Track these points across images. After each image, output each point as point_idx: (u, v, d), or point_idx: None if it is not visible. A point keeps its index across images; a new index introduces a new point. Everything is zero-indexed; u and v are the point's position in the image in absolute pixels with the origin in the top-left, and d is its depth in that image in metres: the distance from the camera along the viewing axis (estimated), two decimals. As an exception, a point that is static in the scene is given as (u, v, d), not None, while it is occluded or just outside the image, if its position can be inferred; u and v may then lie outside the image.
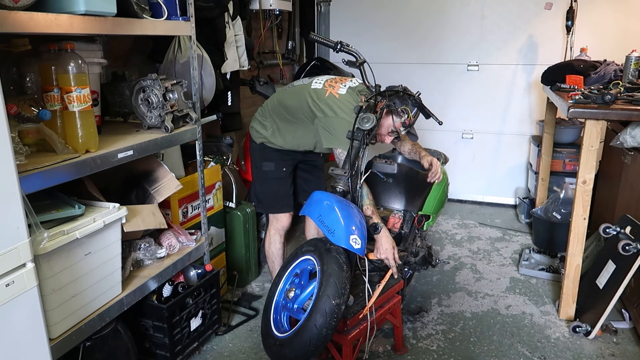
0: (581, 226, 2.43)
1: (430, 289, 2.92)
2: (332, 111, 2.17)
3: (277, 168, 2.42)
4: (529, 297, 2.83)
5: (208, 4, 2.59)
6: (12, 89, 1.69)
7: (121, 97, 2.20)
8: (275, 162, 2.42)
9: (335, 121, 2.15)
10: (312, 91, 2.26)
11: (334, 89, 2.26)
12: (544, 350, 2.35)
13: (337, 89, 2.25)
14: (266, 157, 2.42)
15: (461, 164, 4.35)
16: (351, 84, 2.31)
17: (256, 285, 2.97)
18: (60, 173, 1.53)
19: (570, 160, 3.64)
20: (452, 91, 4.28)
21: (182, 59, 2.46)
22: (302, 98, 2.26)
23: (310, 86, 2.30)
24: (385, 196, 2.58)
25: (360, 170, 2.11)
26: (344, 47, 2.20)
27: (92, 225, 1.64)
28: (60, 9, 1.51)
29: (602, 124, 2.37)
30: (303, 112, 2.26)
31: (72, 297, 1.63)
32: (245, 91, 3.34)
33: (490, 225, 3.93)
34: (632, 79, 2.76)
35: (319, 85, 2.29)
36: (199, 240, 2.31)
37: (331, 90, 2.25)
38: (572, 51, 3.78)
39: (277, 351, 1.94)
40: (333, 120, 2.16)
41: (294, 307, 2.03)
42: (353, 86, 2.29)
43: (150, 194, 2.10)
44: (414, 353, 2.33)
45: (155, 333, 2.07)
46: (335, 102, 2.19)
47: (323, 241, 2.03)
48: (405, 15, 4.26)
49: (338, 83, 2.30)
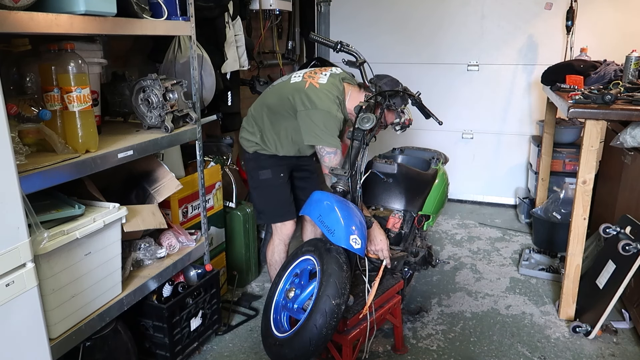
0: (581, 226, 2.43)
1: (430, 289, 2.92)
2: (312, 103, 2.11)
3: (274, 175, 2.35)
4: (529, 297, 2.83)
5: (208, 4, 2.59)
6: (12, 89, 1.69)
7: (121, 97, 2.20)
8: (272, 168, 2.34)
9: (314, 114, 2.09)
10: (292, 85, 2.21)
11: (314, 79, 2.20)
12: (544, 350, 2.35)
13: (317, 79, 2.19)
14: (261, 165, 2.35)
15: (461, 164, 4.35)
16: (333, 71, 2.27)
17: (256, 285, 2.97)
18: (60, 173, 1.53)
19: (570, 160, 3.64)
20: (452, 91, 4.28)
21: (182, 59, 2.46)
22: (283, 94, 2.21)
23: (289, 81, 2.26)
24: (385, 196, 2.58)
25: (360, 170, 2.11)
26: (344, 47, 2.19)
27: (92, 225, 1.64)
28: (60, 9, 1.51)
29: (602, 124, 2.37)
30: (285, 108, 2.20)
31: (72, 297, 1.63)
32: (245, 91, 3.34)
33: (490, 225, 3.93)
34: (632, 79, 2.76)
35: (298, 78, 2.24)
36: (199, 240, 2.31)
37: (311, 80, 2.19)
38: (572, 51, 3.78)
39: (277, 351, 1.94)
40: (312, 113, 2.10)
41: (294, 307, 2.03)
42: (335, 73, 2.25)
43: (150, 194, 2.10)
44: (414, 353, 2.33)
45: (155, 333, 2.07)
46: (316, 92, 2.13)
47: (323, 241, 2.03)
48: (405, 15, 4.26)
49: (318, 73, 2.24)
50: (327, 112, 2.10)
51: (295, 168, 2.45)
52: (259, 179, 2.37)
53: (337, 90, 2.20)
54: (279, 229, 2.43)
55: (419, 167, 2.77)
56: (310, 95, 2.13)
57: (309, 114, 2.11)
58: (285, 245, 2.47)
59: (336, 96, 2.17)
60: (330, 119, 2.11)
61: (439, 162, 2.83)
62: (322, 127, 2.09)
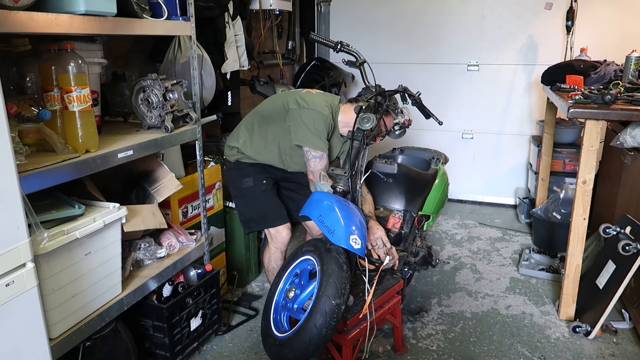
0: (581, 226, 2.43)
1: (430, 289, 2.92)
2: (305, 102, 2.16)
3: (256, 183, 2.31)
4: (529, 297, 2.83)
5: (208, 4, 2.59)
6: (12, 89, 1.69)
7: (121, 97, 2.20)
8: (254, 176, 2.31)
9: (305, 113, 2.12)
10: (288, 92, 2.31)
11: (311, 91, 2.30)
12: (544, 350, 2.35)
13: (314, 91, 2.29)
14: (243, 173, 2.32)
15: (461, 164, 4.35)
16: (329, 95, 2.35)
17: (256, 285, 2.97)
18: (60, 173, 1.53)
19: (570, 160, 3.64)
20: (452, 91, 4.28)
21: (182, 59, 2.46)
22: (278, 100, 2.28)
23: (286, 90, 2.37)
24: (385, 196, 2.58)
25: (360, 170, 2.11)
26: (344, 47, 2.19)
27: (92, 225, 1.64)
28: (60, 9, 1.51)
29: (602, 124, 2.37)
30: (278, 112, 2.22)
31: (72, 297, 1.63)
32: (245, 91, 3.34)
33: (490, 225, 3.93)
34: (632, 79, 2.76)
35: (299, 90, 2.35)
36: (199, 240, 2.31)
37: (308, 90, 2.29)
38: (572, 51, 3.78)
39: (277, 351, 1.94)
40: (304, 112, 2.13)
41: (294, 307, 2.03)
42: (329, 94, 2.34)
43: (150, 194, 2.10)
44: (414, 353, 2.33)
45: (155, 333, 2.07)
46: (311, 95, 2.21)
47: (323, 241, 2.03)
48: (405, 15, 4.26)
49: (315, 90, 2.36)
50: (319, 113, 2.12)
51: (281, 179, 2.43)
52: (242, 187, 2.33)
53: (332, 99, 2.26)
54: (274, 236, 2.36)
55: (419, 167, 2.77)
56: (305, 96, 2.19)
57: (301, 112, 2.13)
58: (281, 252, 2.41)
59: (330, 103, 2.22)
60: (321, 120, 2.12)
61: (439, 162, 2.83)
62: (312, 127, 2.10)
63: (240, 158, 2.33)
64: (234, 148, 2.34)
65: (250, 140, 2.29)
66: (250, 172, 2.32)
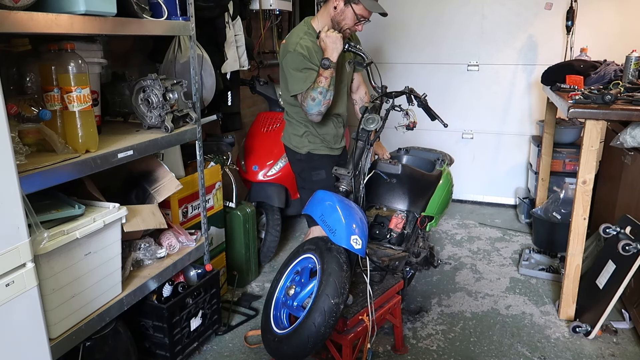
0: (581, 226, 2.43)
1: (430, 289, 2.92)
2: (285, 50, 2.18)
3: (328, 176, 2.28)
4: (529, 297, 2.83)
5: (208, 4, 2.59)
6: (12, 89, 1.69)
7: (121, 97, 2.20)
8: (326, 169, 2.30)
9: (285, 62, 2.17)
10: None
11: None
12: (544, 350, 2.35)
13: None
14: (314, 165, 2.35)
15: (461, 164, 4.34)
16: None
17: (256, 285, 2.97)
18: (60, 173, 1.53)
19: (570, 160, 3.64)
20: (452, 91, 4.28)
21: (182, 59, 2.46)
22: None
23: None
24: (388, 196, 2.57)
25: (363, 171, 2.10)
26: (351, 47, 2.17)
27: (92, 225, 1.64)
28: (60, 9, 1.51)
29: (602, 124, 2.37)
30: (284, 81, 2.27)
31: (72, 297, 1.63)
32: (245, 91, 3.34)
33: (490, 225, 3.93)
34: (632, 79, 2.76)
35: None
36: (199, 240, 2.31)
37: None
38: (572, 51, 3.78)
39: (275, 347, 1.94)
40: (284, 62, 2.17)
41: (294, 304, 2.03)
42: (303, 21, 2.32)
43: (150, 194, 2.10)
44: (414, 353, 2.33)
45: (155, 333, 2.07)
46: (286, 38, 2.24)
47: (324, 240, 2.03)
48: (405, 15, 4.26)
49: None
50: (292, 52, 2.14)
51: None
52: (312, 180, 2.37)
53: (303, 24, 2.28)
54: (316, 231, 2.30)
55: (424, 168, 2.76)
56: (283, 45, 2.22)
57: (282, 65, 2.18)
58: None
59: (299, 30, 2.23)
60: (295, 58, 2.14)
61: (444, 163, 2.82)
62: (293, 71, 2.13)
63: (312, 149, 2.36)
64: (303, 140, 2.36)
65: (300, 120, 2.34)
66: (323, 165, 2.35)
